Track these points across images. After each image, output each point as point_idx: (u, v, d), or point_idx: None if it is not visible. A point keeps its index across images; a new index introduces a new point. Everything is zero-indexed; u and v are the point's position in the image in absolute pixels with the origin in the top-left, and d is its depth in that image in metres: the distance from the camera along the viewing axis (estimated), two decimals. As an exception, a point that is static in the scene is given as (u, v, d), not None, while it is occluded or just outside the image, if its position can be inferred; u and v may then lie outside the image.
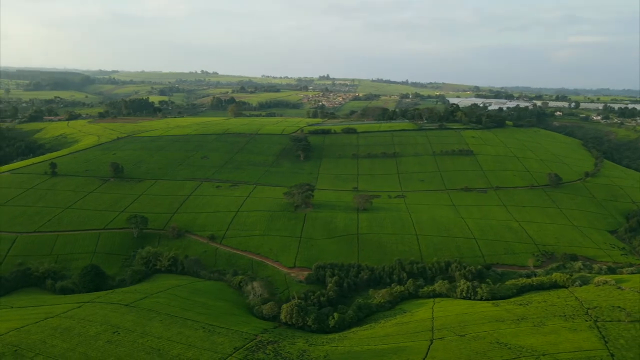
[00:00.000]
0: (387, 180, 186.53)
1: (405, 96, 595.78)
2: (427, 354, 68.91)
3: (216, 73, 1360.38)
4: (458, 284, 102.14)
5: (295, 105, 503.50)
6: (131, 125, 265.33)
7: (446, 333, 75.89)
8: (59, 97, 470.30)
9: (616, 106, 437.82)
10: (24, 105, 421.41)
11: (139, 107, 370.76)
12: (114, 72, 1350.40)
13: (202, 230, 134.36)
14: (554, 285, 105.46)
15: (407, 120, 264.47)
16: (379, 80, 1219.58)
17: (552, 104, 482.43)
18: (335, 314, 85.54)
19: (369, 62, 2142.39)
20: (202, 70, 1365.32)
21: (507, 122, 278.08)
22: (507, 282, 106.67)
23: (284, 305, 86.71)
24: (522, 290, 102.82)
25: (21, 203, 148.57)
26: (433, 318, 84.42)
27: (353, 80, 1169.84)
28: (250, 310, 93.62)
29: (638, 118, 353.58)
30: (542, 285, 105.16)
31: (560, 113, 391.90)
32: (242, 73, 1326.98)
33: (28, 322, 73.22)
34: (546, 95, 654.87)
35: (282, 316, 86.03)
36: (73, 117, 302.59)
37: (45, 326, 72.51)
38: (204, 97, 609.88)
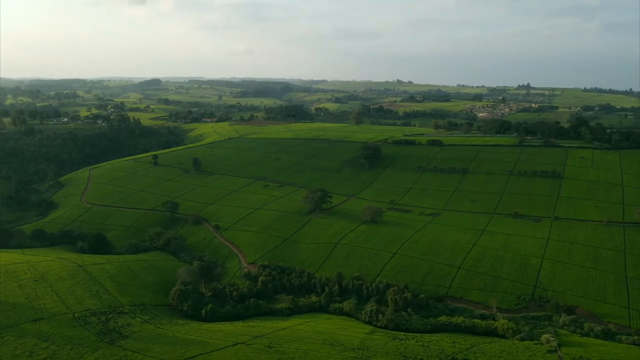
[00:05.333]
0: (436, 196, 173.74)
1: (590, 108, 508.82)
2: (214, 351, 72.09)
3: (411, 82, 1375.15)
4: (365, 306, 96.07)
5: (451, 116, 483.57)
6: (254, 128, 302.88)
7: (262, 342, 76.62)
8: (239, 103, 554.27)
9: None
10: (212, 109, 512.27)
11: (291, 113, 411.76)
12: (322, 81, 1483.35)
13: (215, 220, 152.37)
14: (491, 333, 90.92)
15: (515, 135, 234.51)
16: (593, 90, 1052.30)
17: None
18: (209, 306, 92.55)
19: (587, 68, 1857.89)
20: (397, 80, 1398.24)
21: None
22: (434, 318, 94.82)
23: (173, 289, 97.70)
24: (439, 329, 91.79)
25: (119, 184, 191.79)
26: (285, 329, 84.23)
27: (554, 89, 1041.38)
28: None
29: None
30: (473, 329, 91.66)
31: None
32: (436, 82, 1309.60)
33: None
34: None
35: (169, 298, 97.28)
36: (222, 119, 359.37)
37: (4, 268, 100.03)
38: (374, 105, 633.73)
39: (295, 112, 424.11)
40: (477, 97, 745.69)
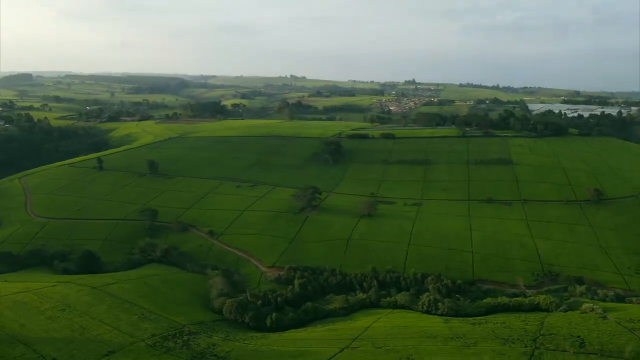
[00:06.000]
0: (410, 187, 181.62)
1: (482, 102, 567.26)
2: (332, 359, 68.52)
3: (304, 77, 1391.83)
4: (421, 296, 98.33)
5: (364, 110, 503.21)
6: (188, 126, 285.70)
7: (364, 343, 74.48)
8: (146, 100, 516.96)
9: None
10: (115, 107, 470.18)
11: (209, 110, 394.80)
12: (212, 76, 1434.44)
13: (205, 226, 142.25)
14: (535, 308, 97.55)
15: (454, 127, 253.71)
16: (468, 85, 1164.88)
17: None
18: (274, 315, 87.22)
19: (463, 66, 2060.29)
20: (291, 75, 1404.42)
21: (570, 130, 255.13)
22: (483, 300, 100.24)
23: (228, 301, 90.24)
24: (493, 310, 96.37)
25: (65, 192, 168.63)
26: (368, 327, 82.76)
27: (438, 85, 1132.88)
28: (208, 304, 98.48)
29: None
30: (519, 307, 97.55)
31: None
32: (330, 77, 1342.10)
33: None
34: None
35: (224, 311, 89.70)
36: (145, 118, 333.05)
37: (9, 299, 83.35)
38: (281, 100, 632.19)
39: (213, 109, 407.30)
40: (379, 92, 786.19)
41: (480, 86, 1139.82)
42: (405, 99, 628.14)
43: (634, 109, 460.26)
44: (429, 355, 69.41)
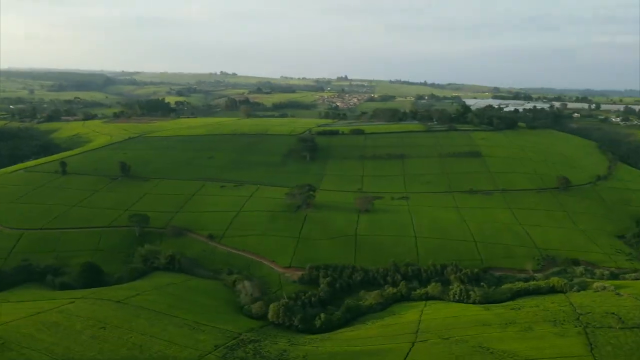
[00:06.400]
0: (392, 181, 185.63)
1: (421, 97, 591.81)
2: (407, 356, 68.59)
3: (235, 74, 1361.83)
4: (451, 287, 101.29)
5: (310, 106, 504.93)
6: (144, 126, 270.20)
7: (429, 336, 75.39)
8: (78, 98, 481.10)
9: (637, 108, 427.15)
10: (44, 105, 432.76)
11: (155, 108, 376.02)
12: (136, 73, 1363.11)
13: (202, 229, 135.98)
14: (552, 290, 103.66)
15: (417, 122, 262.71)
16: (397, 82, 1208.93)
17: (570, 105, 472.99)
18: (322, 315, 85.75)
19: (387, 63, 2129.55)
20: (222, 72, 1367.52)
21: (519, 123, 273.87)
22: (502, 286, 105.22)
23: (272, 305, 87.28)
24: (517, 295, 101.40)
25: (31, 200, 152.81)
26: (420, 321, 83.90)
27: (371, 81, 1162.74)
28: (241, 310, 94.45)
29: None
30: (539, 290, 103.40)
31: (578, 115, 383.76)
32: (261, 74, 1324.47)
33: (19, 317, 75.33)
34: (566, 96, 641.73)
35: (269, 315, 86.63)
36: (89, 117, 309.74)
37: (36, 320, 74.58)
38: (220, 97, 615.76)
39: (160, 107, 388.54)
40: (318, 89, 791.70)
41: (408, 82, 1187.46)
42: (346, 95, 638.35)
43: (555, 103, 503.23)
44: (499, 342, 71.83)
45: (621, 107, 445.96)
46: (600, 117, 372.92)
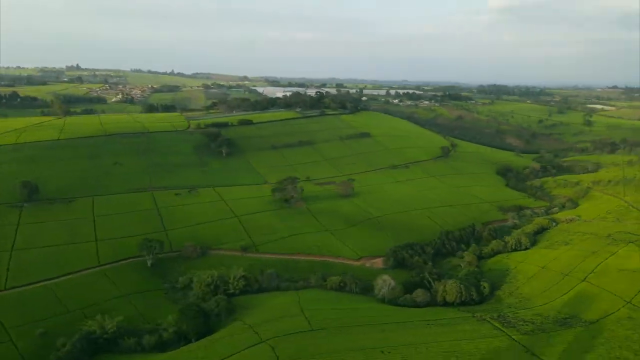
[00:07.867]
0: (322, 166, 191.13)
1: (210, 87, 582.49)
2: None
3: None
4: (508, 239, 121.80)
5: (94, 101, 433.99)
6: None
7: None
8: None
9: (393, 91, 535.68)
10: None
11: None
12: None
13: (221, 243, 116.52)
14: (544, 228, 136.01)
15: (282, 110, 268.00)
16: (139, 71, 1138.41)
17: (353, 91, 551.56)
18: (484, 284, 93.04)
19: (124, 52, 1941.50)
20: None
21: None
22: (527, 231, 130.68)
23: (447, 287, 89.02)
24: (540, 232, 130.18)
25: None
26: (555, 258, 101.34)
27: (118, 71, 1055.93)
28: (389, 303, 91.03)
29: (424, 101, 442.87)
30: (542, 227, 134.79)
31: (365, 98, 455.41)
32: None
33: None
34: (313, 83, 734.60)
35: (448, 297, 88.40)
36: None
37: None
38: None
39: None
40: (53, 79, 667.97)
41: (154, 72, 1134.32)
42: (123, 87, 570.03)
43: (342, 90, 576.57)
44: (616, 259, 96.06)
45: (382, 92, 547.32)
46: (381, 100, 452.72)
